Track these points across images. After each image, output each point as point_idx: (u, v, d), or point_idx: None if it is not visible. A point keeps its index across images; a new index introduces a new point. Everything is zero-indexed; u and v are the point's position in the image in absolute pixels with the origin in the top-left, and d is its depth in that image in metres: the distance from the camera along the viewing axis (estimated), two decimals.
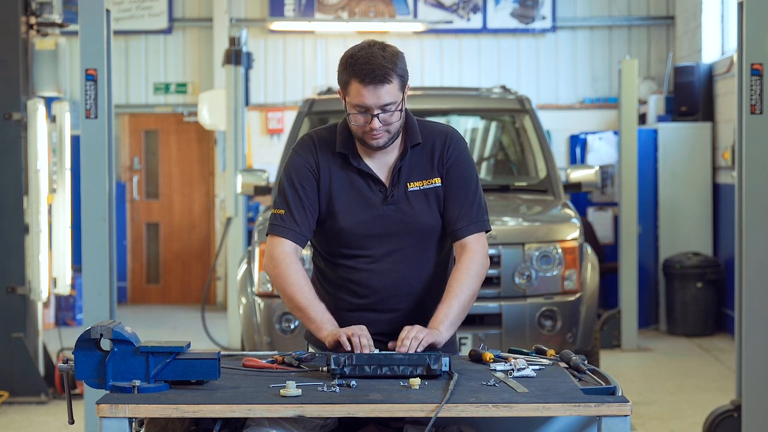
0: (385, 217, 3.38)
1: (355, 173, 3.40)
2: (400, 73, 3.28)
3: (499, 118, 7.89)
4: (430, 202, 3.41)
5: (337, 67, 3.35)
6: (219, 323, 10.71)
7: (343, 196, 3.39)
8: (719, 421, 5.94)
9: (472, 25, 12.71)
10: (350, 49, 3.33)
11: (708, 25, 11.25)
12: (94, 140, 5.67)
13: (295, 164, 3.43)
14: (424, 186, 3.41)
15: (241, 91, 9.93)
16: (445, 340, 3.28)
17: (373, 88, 3.24)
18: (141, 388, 2.83)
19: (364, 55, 3.25)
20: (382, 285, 3.40)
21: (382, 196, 3.39)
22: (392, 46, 3.33)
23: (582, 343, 6.37)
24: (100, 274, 5.68)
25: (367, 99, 3.26)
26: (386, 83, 3.25)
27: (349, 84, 3.28)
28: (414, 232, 3.39)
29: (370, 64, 3.23)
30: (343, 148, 3.40)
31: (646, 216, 10.68)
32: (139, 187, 13.16)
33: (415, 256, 3.41)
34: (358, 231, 3.38)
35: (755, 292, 5.55)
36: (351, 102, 3.30)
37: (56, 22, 7.93)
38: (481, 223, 3.43)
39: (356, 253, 3.40)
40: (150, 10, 12.75)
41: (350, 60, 3.27)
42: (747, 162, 5.57)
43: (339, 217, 3.38)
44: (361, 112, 3.28)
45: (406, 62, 3.34)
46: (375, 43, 3.31)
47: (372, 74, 3.23)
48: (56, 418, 7.15)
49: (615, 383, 2.91)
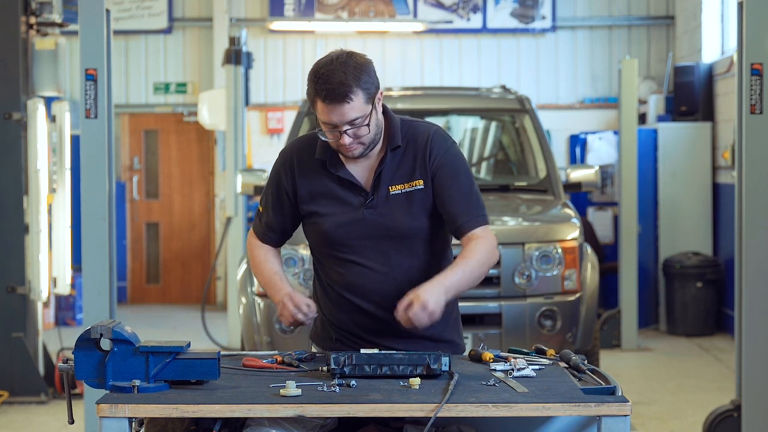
0: (366, 221, 3.36)
1: (336, 179, 3.39)
2: (364, 86, 3.21)
3: (499, 117, 7.89)
4: (413, 204, 3.36)
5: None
6: (219, 323, 10.70)
7: (324, 200, 3.39)
8: (719, 421, 5.94)
9: (472, 24, 12.71)
10: (316, 62, 3.27)
11: (708, 25, 11.25)
12: (94, 140, 5.67)
13: (275, 169, 3.50)
14: (406, 189, 3.37)
15: (241, 91, 9.93)
16: (443, 301, 3.20)
17: (336, 106, 3.20)
18: (141, 388, 2.83)
19: (326, 73, 3.19)
20: (371, 287, 3.39)
21: (362, 200, 3.37)
22: (358, 56, 3.25)
23: (582, 343, 6.36)
24: (100, 273, 5.67)
25: (332, 117, 3.23)
26: (348, 101, 3.19)
27: (314, 101, 3.25)
28: (396, 236, 3.36)
29: (330, 83, 3.18)
30: (322, 154, 3.40)
31: (646, 216, 10.68)
32: (139, 187, 13.16)
33: (401, 259, 3.38)
34: (341, 234, 3.38)
35: (755, 292, 5.55)
36: (319, 118, 3.28)
37: (56, 22, 7.93)
38: (482, 217, 3.38)
39: (342, 256, 3.40)
40: (150, 10, 12.75)
41: (314, 77, 3.23)
42: (747, 162, 5.57)
43: (321, 221, 3.39)
44: (330, 129, 3.27)
45: (375, 70, 3.26)
46: (339, 55, 3.23)
47: (333, 93, 3.18)
48: (56, 418, 7.15)
49: (615, 383, 2.91)
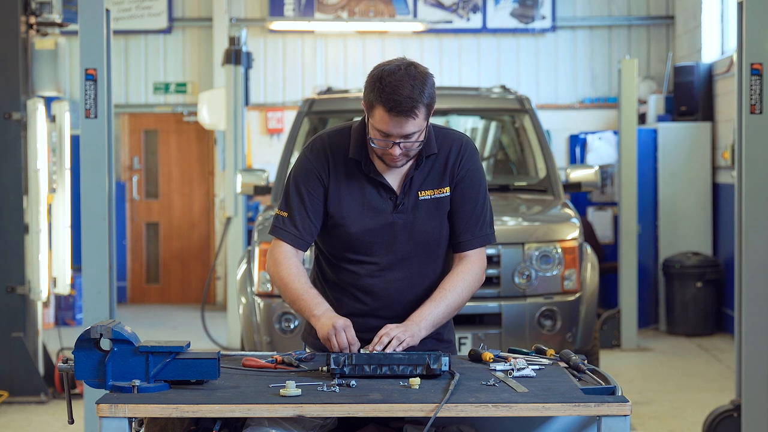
0: (394, 225, 3.35)
1: (367, 180, 3.36)
2: (427, 102, 3.18)
3: (499, 117, 7.89)
4: (440, 211, 3.38)
5: (366, 82, 3.23)
6: (219, 323, 10.71)
7: (353, 202, 3.35)
8: (719, 420, 5.94)
9: (471, 24, 12.71)
10: (380, 67, 3.21)
11: (708, 25, 11.25)
12: (94, 140, 5.67)
13: (303, 169, 3.38)
14: (434, 195, 3.37)
15: (241, 91, 9.93)
16: (421, 338, 3.27)
17: (399, 119, 3.16)
18: (141, 388, 2.83)
19: (393, 82, 3.14)
20: (386, 292, 3.38)
21: (392, 204, 3.35)
22: (421, 68, 3.21)
23: (582, 342, 6.36)
24: (100, 273, 5.68)
25: (391, 129, 3.19)
26: (413, 117, 3.16)
27: (374, 107, 3.20)
28: (422, 242, 3.37)
29: (398, 95, 3.13)
30: (356, 154, 3.35)
31: (645, 216, 10.68)
32: (139, 187, 13.16)
33: (420, 265, 3.40)
34: (366, 238, 3.35)
35: (755, 292, 5.55)
36: (374, 125, 3.22)
37: (56, 22, 7.93)
38: (485, 237, 3.42)
39: (363, 259, 3.38)
40: (150, 10, 12.75)
41: (378, 83, 3.17)
42: (747, 162, 5.57)
43: (348, 222, 3.35)
44: (382, 137, 3.22)
45: (434, 83, 3.22)
46: (405, 65, 3.19)
47: (399, 106, 3.14)
48: (56, 418, 7.14)
49: (615, 383, 2.91)
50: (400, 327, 3.24)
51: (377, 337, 3.21)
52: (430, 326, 3.31)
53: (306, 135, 7.45)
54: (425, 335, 3.30)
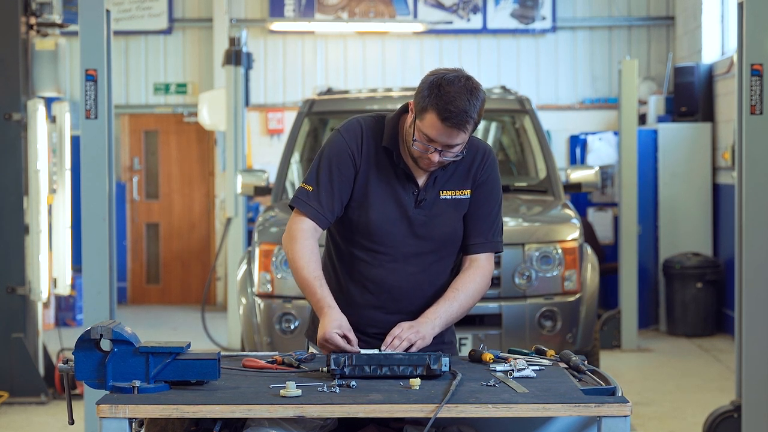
0: (413, 219, 3.38)
1: (394, 171, 3.39)
2: (477, 119, 3.21)
3: (499, 118, 7.89)
4: (458, 212, 3.42)
5: (420, 85, 3.25)
6: (219, 323, 10.71)
7: (379, 189, 3.38)
8: (719, 421, 5.93)
9: (471, 25, 12.71)
10: (439, 74, 3.23)
11: (708, 26, 11.25)
12: (94, 140, 5.67)
13: (337, 146, 3.39)
14: (456, 195, 3.41)
15: (241, 92, 9.93)
16: (433, 336, 3.30)
17: (450, 130, 3.20)
18: (141, 389, 2.83)
19: (451, 92, 3.17)
20: (396, 285, 3.40)
21: (414, 199, 3.39)
22: (477, 84, 3.23)
23: (582, 343, 6.36)
24: (100, 274, 5.67)
25: (438, 136, 3.22)
26: (463, 131, 3.21)
27: (426, 111, 3.21)
28: (437, 239, 3.40)
29: (455, 106, 3.16)
30: (389, 143, 3.38)
31: (646, 216, 10.68)
32: (139, 188, 13.16)
33: (433, 262, 3.42)
34: (385, 227, 3.37)
35: (755, 292, 5.55)
36: (420, 129, 3.24)
37: (56, 23, 7.93)
38: (496, 244, 3.48)
39: (378, 248, 3.39)
40: (150, 11, 12.75)
41: (437, 90, 3.19)
42: (747, 162, 5.57)
43: (369, 209, 3.37)
44: (426, 142, 3.25)
45: (484, 98, 3.24)
46: (465, 77, 3.21)
47: (453, 118, 3.17)
48: (56, 419, 7.14)
49: (615, 383, 2.91)
50: (412, 328, 3.27)
51: (389, 337, 3.24)
52: (443, 324, 3.35)
53: (306, 136, 7.45)
54: (435, 333, 3.32)
